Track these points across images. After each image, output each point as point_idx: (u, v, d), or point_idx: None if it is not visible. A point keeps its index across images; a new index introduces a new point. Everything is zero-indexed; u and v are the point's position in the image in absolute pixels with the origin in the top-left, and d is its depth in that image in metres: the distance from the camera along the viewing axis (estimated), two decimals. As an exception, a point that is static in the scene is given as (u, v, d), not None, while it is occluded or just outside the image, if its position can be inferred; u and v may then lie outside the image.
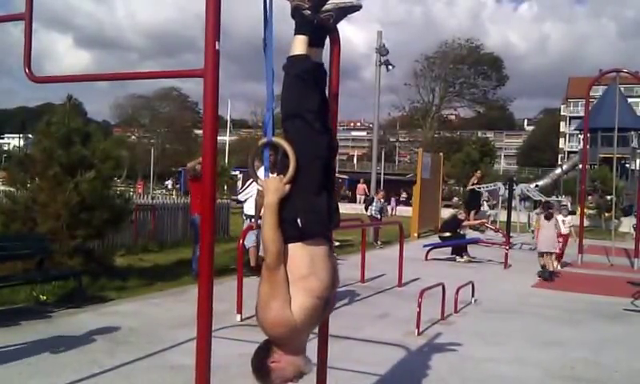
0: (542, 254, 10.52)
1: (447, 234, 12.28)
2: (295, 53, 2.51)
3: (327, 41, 3.03)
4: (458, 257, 11.94)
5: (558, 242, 11.06)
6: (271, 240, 2.32)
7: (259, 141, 2.58)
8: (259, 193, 2.58)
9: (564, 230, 11.82)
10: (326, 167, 2.51)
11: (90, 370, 4.31)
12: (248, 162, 2.45)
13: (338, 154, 2.92)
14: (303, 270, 2.34)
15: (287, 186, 2.39)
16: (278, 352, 2.36)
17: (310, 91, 2.49)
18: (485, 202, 16.04)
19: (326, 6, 2.55)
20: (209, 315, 2.21)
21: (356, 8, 2.62)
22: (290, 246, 2.37)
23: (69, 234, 7.18)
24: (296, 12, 2.52)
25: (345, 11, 2.61)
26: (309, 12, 2.50)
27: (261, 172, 2.57)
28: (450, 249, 12.18)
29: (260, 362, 2.38)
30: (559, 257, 11.17)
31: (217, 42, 2.10)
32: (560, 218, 11.78)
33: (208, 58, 2.11)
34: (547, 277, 9.84)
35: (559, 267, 10.92)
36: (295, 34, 2.53)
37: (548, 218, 10.80)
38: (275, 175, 2.45)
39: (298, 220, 2.35)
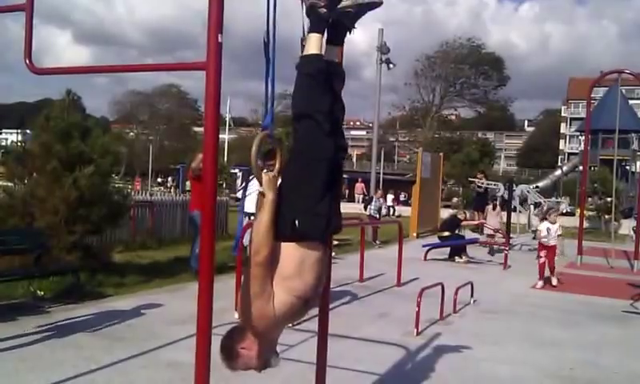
0: (488, 236, 13.76)
1: (446, 234, 12.26)
2: (309, 52, 2.48)
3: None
4: (457, 257, 11.91)
5: (540, 256, 9.27)
6: (267, 239, 2.33)
7: (258, 135, 2.58)
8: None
9: (550, 240, 9.24)
10: (332, 170, 2.49)
11: (87, 366, 4.29)
12: (251, 158, 2.44)
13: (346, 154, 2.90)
14: (291, 270, 2.36)
15: (278, 181, 2.42)
16: (251, 339, 2.41)
17: (321, 91, 2.46)
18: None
19: (346, 3, 2.51)
20: (209, 310, 2.18)
21: (376, 4, 2.57)
22: (283, 244, 2.38)
23: (67, 229, 7.15)
24: (311, 10, 2.48)
25: (365, 7, 2.56)
26: (324, 10, 2.46)
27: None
28: (448, 249, 12.16)
29: (231, 344, 2.44)
30: (551, 272, 9.27)
31: (219, 35, 2.07)
32: (544, 225, 9.34)
33: (210, 51, 2.07)
34: (493, 253, 12.87)
35: (555, 280, 9.25)
36: (309, 32, 2.50)
37: (494, 208, 14.78)
38: (269, 172, 2.47)
39: (296, 221, 2.36)
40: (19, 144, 11.43)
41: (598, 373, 4.93)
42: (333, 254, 3.84)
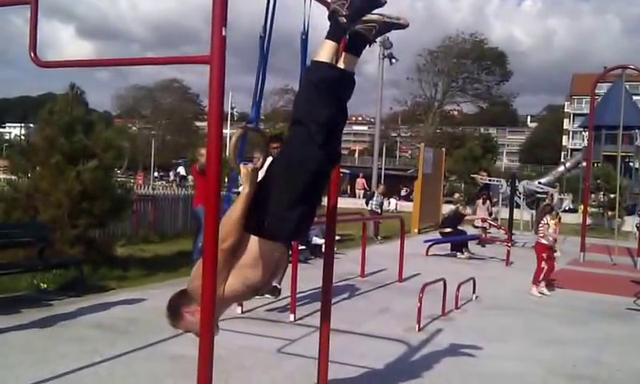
0: (476, 227, 14.50)
1: (448, 230, 12.26)
2: (319, 58, 2.48)
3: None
4: (458, 253, 11.91)
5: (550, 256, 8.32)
6: (235, 229, 2.40)
7: (238, 130, 2.66)
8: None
9: (547, 240, 8.30)
10: (315, 181, 2.52)
11: (90, 359, 4.30)
12: (230, 152, 2.54)
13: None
14: (249, 261, 2.46)
15: (258, 175, 2.50)
16: (196, 307, 2.48)
17: (322, 102, 2.44)
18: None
19: (372, 16, 2.50)
20: (212, 304, 2.19)
21: (402, 26, 2.56)
22: (251, 236, 2.47)
23: (70, 222, 7.17)
24: (332, 16, 2.47)
25: (389, 26, 2.56)
26: (344, 20, 2.43)
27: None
28: (449, 245, 12.15)
29: (177, 305, 2.59)
30: (547, 277, 8.33)
31: (223, 28, 2.06)
32: (552, 222, 8.31)
33: (215, 44, 2.07)
34: (482, 245, 13.37)
35: (535, 291, 8.11)
36: (326, 38, 2.49)
37: (484, 202, 14.87)
38: (252, 165, 2.53)
39: (265, 222, 2.45)
40: (23, 138, 11.46)
41: (600, 370, 4.92)
42: (335, 249, 3.85)
